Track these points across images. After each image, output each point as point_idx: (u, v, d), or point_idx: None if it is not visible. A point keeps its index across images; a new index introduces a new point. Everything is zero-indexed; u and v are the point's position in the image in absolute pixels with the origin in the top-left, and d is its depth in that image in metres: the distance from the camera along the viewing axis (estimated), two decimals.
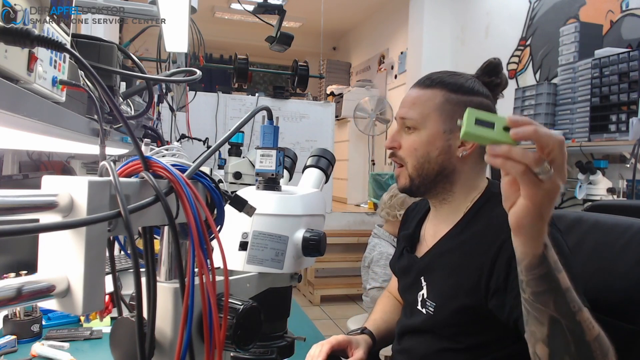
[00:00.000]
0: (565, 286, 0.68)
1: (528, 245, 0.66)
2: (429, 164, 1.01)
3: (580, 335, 0.68)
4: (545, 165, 0.59)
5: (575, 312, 0.68)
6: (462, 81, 1.02)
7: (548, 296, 0.68)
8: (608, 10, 3.15)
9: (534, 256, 0.66)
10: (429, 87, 1.02)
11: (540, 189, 0.60)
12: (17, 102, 0.54)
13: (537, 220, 0.63)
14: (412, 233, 1.15)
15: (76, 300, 0.41)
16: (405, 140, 1.03)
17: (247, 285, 0.66)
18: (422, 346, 1.03)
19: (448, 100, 1.00)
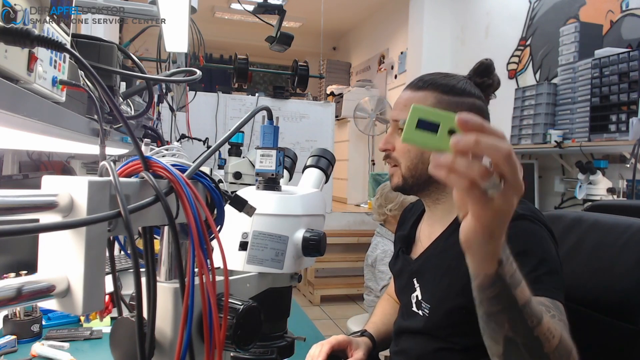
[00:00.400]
0: (522, 302, 0.62)
1: (479, 265, 0.60)
2: (423, 165, 1.01)
3: (538, 349, 0.65)
4: (494, 179, 0.50)
5: (534, 327, 0.63)
6: (454, 82, 1.02)
7: (503, 316, 0.63)
8: (608, 10, 3.15)
9: (486, 276, 0.60)
10: (421, 89, 1.02)
11: (489, 207, 0.52)
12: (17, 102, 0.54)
13: (487, 239, 0.55)
14: (408, 234, 1.16)
15: (76, 300, 0.41)
16: (398, 142, 1.04)
17: (247, 285, 0.66)
18: (419, 347, 1.04)
19: (440, 102, 1.00)
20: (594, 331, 0.99)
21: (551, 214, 1.22)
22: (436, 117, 0.50)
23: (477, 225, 0.54)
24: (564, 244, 1.11)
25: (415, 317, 1.05)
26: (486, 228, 0.54)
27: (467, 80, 1.05)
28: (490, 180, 0.50)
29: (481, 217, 0.53)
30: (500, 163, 0.50)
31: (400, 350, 1.10)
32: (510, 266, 0.61)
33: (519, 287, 0.62)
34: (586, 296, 1.02)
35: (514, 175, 0.51)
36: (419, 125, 0.51)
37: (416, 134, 0.51)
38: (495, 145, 0.49)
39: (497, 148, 0.49)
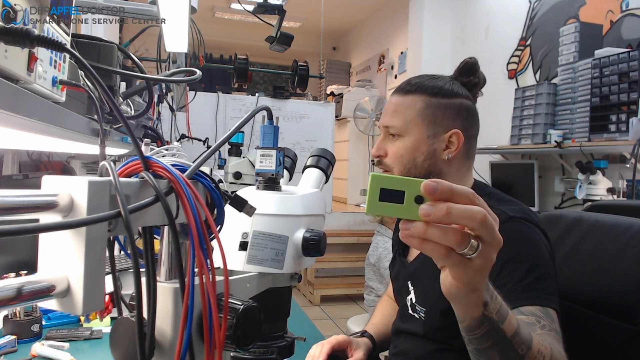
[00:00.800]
0: (511, 333, 0.62)
1: (465, 312, 0.59)
2: (416, 169, 1.02)
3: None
4: (471, 243, 0.49)
5: (524, 354, 0.64)
6: (441, 84, 1.02)
7: (493, 351, 0.62)
8: (608, 10, 3.15)
9: (473, 319, 0.59)
10: (409, 93, 1.03)
11: (469, 268, 0.50)
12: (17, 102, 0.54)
13: (469, 294, 0.55)
14: None
15: (76, 300, 0.41)
16: (390, 148, 1.04)
17: (247, 285, 0.66)
18: (417, 348, 1.04)
19: (429, 105, 1.01)
20: (594, 331, 0.99)
21: (551, 214, 1.22)
22: (400, 186, 0.47)
23: (459, 285, 0.53)
24: (564, 244, 1.11)
25: (412, 320, 1.05)
26: (468, 285, 0.53)
27: (453, 81, 1.05)
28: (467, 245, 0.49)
29: (462, 278, 0.52)
30: (476, 229, 0.48)
31: (399, 351, 1.10)
32: (495, 303, 0.60)
33: (506, 319, 0.61)
34: (586, 296, 1.02)
35: (492, 236, 0.49)
36: (383, 196, 0.47)
37: (380, 206, 0.47)
38: (468, 212, 0.47)
39: (471, 215, 0.47)
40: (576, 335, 1.02)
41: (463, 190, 0.48)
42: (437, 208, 0.46)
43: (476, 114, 1.05)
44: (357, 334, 1.21)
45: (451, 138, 1.01)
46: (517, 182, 3.46)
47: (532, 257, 0.86)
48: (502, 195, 1.01)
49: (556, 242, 1.09)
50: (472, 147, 1.07)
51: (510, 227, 0.88)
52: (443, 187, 0.46)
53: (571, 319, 1.02)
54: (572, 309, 1.04)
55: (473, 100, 1.06)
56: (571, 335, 1.01)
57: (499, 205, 0.94)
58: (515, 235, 0.87)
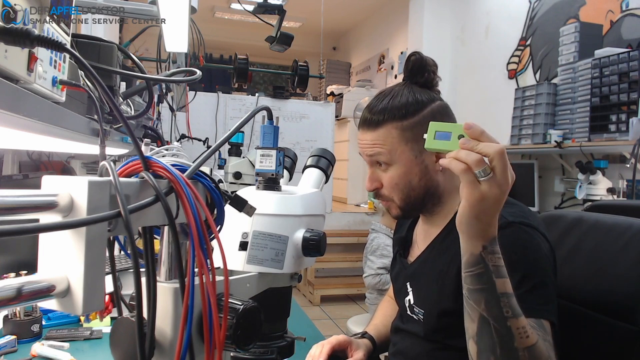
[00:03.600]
0: (501, 291, 0.70)
1: (467, 243, 0.71)
2: (414, 191, 1.00)
3: (508, 340, 0.70)
4: (485, 168, 0.65)
5: (508, 317, 0.70)
6: (404, 101, 0.98)
7: (480, 295, 0.71)
8: (608, 10, 3.15)
9: (472, 255, 0.70)
10: (379, 125, 0.98)
11: (477, 189, 0.65)
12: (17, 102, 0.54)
13: (473, 220, 0.68)
14: (405, 236, 1.16)
15: (76, 300, 0.41)
16: (383, 178, 1.01)
17: (247, 285, 0.66)
18: (416, 348, 1.04)
19: (404, 129, 0.97)
20: (594, 331, 0.99)
21: (551, 214, 1.22)
22: (448, 128, 0.68)
23: (466, 205, 0.67)
24: (564, 244, 1.11)
25: (411, 321, 1.06)
26: (473, 208, 0.67)
27: (411, 89, 1.00)
28: (482, 168, 0.64)
29: (469, 196, 0.66)
30: (493, 157, 0.64)
31: (398, 351, 1.10)
32: (496, 259, 0.71)
33: (500, 278, 0.71)
34: (586, 296, 1.02)
35: (502, 171, 0.65)
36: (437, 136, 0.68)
37: (435, 143, 0.69)
38: (490, 143, 0.65)
39: (492, 145, 0.65)
40: (576, 335, 1.02)
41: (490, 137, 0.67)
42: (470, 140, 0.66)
43: (448, 109, 1.01)
44: (358, 335, 1.21)
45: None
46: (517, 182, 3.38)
47: (527, 266, 0.85)
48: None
49: (556, 242, 1.09)
50: None
51: (507, 234, 0.85)
52: (477, 127, 0.67)
53: (571, 319, 1.02)
54: (572, 309, 1.04)
55: (437, 96, 1.02)
56: (571, 335, 1.01)
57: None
58: (512, 242, 0.85)
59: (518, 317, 0.71)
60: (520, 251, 0.86)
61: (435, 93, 1.02)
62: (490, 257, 0.70)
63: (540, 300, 0.83)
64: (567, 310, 1.02)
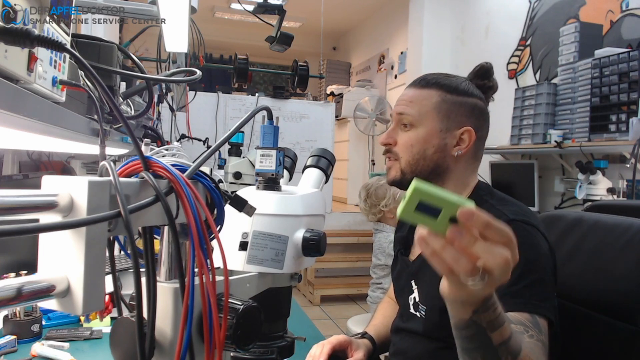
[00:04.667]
0: (498, 342, 0.62)
1: (455, 311, 0.61)
2: (424, 161, 1.02)
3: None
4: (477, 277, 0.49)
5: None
6: (457, 83, 1.04)
7: (477, 353, 0.64)
8: (608, 10, 3.15)
9: (460, 320, 0.61)
10: (426, 87, 1.04)
11: (463, 290, 0.53)
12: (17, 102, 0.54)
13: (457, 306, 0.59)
14: (406, 235, 1.16)
15: (76, 300, 0.41)
16: (401, 137, 1.04)
17: (247, 285, 0.66)
18: (417, 347, 1.04)
19: (444, 100, 1.01)
20: (594, 331, 0.99)
21: (551, 214, 1.22)
22: (439, 203, 0.47)
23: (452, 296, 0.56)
24: (564, 244, 1.11)
25: (412, 319, 1.05)
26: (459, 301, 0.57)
27: (468, 82, 1.06)
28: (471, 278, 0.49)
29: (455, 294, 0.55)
30: (493, 269, 0.48)
31: (399, 351, 1.10)
32: (491, 313, 0.60)
33: (497, 330, 0.61)
34: (587, 296, 1.02)
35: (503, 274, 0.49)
36: (419, 207, 0.47)
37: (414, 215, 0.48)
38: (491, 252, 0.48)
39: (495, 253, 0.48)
40: (576, 335, 1.02)
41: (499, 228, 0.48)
42: (464, 237, 0.47)
43: (488, 116, 1.07)
44: (358, 335, 1.21)
45: (463, 135, 1.02)
46: (517, 182, 3.46)
47: (526, 262, 0.84)
48: (503, 196, 1.01)
49: (556, 242, 1.09)
50: (480, 149, 1.07)
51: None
52: (479, 219, 0.47)
53: (571, 319, 1.02)
54: (572, 309, 1.04)
55: (486, 103, 1.08)
56: (571, 335, 1.01)
57: (500, 206, 0.94)
58: None
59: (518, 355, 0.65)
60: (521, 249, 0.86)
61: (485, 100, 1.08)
62: (483, 317, 0.59)
63: (537, 297, 0.83)
64: (567, 310, 1.02)
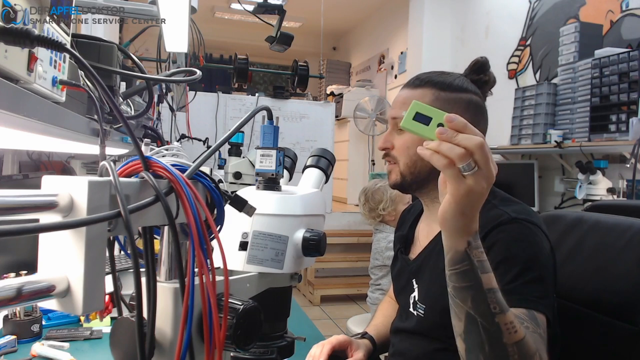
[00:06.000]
0: (487, 287, 0.68)
1: (451, 240, 0.68)
2: (422, 162, 1.00)
3: (496, 336, 0.69)
4: (470, 162, 0.62)
5: (496, 313, 0.68)
6: (451, 80, 1.03)
7: (466, 293, 0.69)
8: (608, 10, 3.15)
9: (457, 252, 0.68)
10: (419, 87, 1.03)
11: (463, 184, 0.63)
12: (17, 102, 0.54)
13: (458, 215, 0.65)
14: (406, 234, 1.16)
15: (76, 300, 0.41)
16: (397, 140, 1.04)
17: (247, 285, 0.66)
18: (415, 348, 1.04)
19: (438, 99, 1.01)
20: (594, 331, 0.99)
21: (551, 214, 1.22)
22: (429, 113, 0.64)
23: (451, 200, 0.64)
24: (564, 244, 1.11)
25: (411, 318, 1.05)
26: (458, 204, 0.64)
27: (463, 78, 1.06)
28: (466, 162, 0.61)
29: (455, 192, 0.64)
30: (473, 150, 0.61)
31: (397, 352, 1.10)
32: (480, 253, 0.69)
33: (485, 273, 0.69)
34: (587, 296, 1.02)
35: (486, 163, 0.62)
36: (416, 118, 0.64)
37: (412, 123, 0.64)
38: (470, 137, 0.62)
39: (471, 139, 0.62)
40: (576, 335, 1.02)
41: (473, 130, 0.63)
42: (449, 131, 0.62)
43: (485, 111, 1.06)
44: (358, 335, 1.21)
45: None
46: (517, 182, 3.46)
47: (527, 259, 0.85)
48: (505, 195, 1.01)
49: (556, 242, 1.09)
50: None
51: (510, 229, 0.88)
52: (459, 120, 0.63)
53: (571, 319, 1.02)
54: (572, 309, 1.04)
55: (482, 98, 1.07)
56: (571, 335, 1.01)
57: (502, 206, 0.94)
58: (513, 237, 0.87)
59: (506, 312, 0.69)
60: (522, 245, 0.87)
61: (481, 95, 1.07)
62: (475, 252, 0.68)
63: (536, 293, 0.83)
64: (567, 310, 1.02)
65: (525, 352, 0.70)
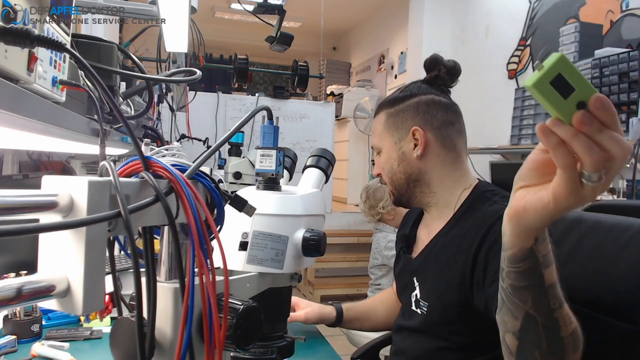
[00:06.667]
0: (549, 282, 0.62)
1: (518, 236, 0.58)
2: (396, 175, 1.08)
3: (555, 331, 0.64)
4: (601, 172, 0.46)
5: (555, 309, 0.63)
6: (397, 93, 1.10)
7: (527, 293, 0.62)
8: (608, 10, 3.15)
9: (521, 249, 0.59)
10: (377, 115, 1.13)
11: (575, 192, 0.48)
12: (17, 102, 0.54)
13: (547, 219, 0.53)
14: (409, 234, 1.17)
15: (76, 300, 0.41)
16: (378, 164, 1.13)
17: (247, 285, 0.66)
18: (418, 346, 1.04)
19: (389, 115, 1.09)
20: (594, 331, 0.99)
21: None
22: (575, 81, 0.44)
23: (550, 202, 0.50)
24: (564, 244, 1.11)
25: (414, 316, 1.06)
26: (556, 209, 0.51)
27: (413, 84, 1.11)
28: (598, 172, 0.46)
29: (560, 197, 0.49)
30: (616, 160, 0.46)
31: (399, 350, 1.10)
32: (546, 246, 0.59)
33: (549, 267, 0.61)
34: (586, 296, 1.02)
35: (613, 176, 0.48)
36: (555, 81, 0.44)
37: (546, 88, 0.44)
38: (620, 139, 0.46)
39: (621, 142, 0.46)
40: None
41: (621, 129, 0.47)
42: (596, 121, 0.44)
43: (441, 103, 1.07)
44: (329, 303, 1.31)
45: (414, 136, 1.06)
46: None
47: None
48: (506, 193, 1.02)
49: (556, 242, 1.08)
50: (449, 135, 1.07)
51: None
52: (610, 108, 0.45)
53: None
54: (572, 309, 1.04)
55: (443, 93, 1.10)
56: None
57: (503, 202, 0.95)
58: None
59: (563, 305, 0.64)
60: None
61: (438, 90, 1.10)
62: (541, 248, 0.59)
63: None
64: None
65: (577, 339, 0.67)
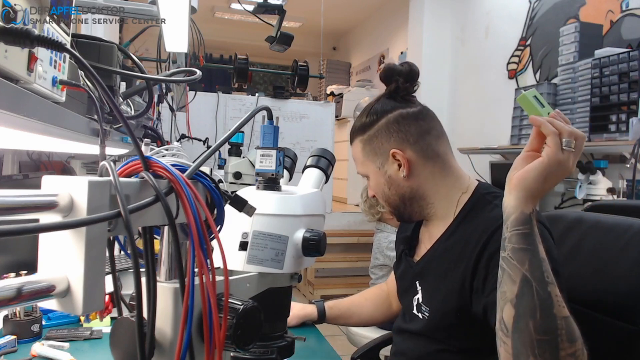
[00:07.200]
0: (542, 255, 0.72)
1: (520, 201, 0.73)
2: (390, 198, 1.07)
3: (548, 305, 0.69)
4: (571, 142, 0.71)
5: (548, 282, 0.71)
6: (364, 119, 1.07)
7: (524, 254, 0.72)
8: (608, 10, 3.15)
9: (523, 213, 0.73)
10: (352, 143, 1.12)
11: (559, 153, 0.71)
12: (17, 102, 0.54)
13: (541, 178, 0.72)
14: (411, 236, 1.16)
15: (76, 300, 0.41)
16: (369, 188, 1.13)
17: (247, 285, 0.66)
18: (418, 348, 1.04)
19: (365, 143, 1.07)
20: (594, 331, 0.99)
21: (551, 214, 1.22)
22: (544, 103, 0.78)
23: (545, 162, 0.72)
24: (564, 244, 1.11)
25: (415, 319, 1.06)
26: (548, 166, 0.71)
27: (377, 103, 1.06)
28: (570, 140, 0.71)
29: (551, 157, 0.71)
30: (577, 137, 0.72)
31: (399, 351, 1.10)
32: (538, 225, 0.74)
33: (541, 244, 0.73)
34: (586, 296, 1.02)
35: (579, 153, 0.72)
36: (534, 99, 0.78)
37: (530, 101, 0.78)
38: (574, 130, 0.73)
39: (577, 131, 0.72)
40: None
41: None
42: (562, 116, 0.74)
43: (409, 115, 1.03)
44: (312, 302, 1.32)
45: (395, 158, 1.03)
46: None
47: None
48: None
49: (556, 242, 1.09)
50: (429, 145, 1.03)
51: None
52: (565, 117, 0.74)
53: None
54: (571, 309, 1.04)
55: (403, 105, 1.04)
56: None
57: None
58: None
59: (555, 285, 0.71)
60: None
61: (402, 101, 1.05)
62: (535, 223, 0.73)
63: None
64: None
65: (571, 331, 0.70)
